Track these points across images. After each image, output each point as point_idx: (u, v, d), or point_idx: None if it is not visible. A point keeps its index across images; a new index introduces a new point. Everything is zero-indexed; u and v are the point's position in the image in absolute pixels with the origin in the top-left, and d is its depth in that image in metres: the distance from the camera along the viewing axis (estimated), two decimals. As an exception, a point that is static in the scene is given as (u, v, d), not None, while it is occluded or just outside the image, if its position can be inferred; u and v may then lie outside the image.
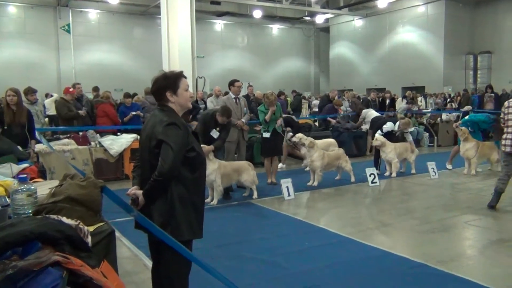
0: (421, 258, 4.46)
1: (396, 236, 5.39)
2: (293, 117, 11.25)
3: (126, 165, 8.89)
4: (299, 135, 8.35)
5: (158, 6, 15.11)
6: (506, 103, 6.30)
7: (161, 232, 2.54)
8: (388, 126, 9.29)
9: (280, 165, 9.65)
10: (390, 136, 9.26)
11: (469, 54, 26.59)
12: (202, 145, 6.59)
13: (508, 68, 24.87)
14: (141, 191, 2.80)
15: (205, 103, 12.65)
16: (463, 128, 9.13)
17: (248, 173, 7.18)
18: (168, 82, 2.87)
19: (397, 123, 9.37)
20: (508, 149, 6.06)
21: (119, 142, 8.94)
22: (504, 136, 6.15)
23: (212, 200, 6.86)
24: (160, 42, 14.52)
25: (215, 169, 6.68)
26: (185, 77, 2.95)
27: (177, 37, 14.05)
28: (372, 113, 12.25)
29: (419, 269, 4.22)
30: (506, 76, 24.69)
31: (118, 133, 9.44)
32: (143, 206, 2.81)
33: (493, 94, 15.24)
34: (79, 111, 9.30)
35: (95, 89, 12.50)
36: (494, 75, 25.86)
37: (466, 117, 10.22)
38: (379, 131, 9.37)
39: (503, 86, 21.80)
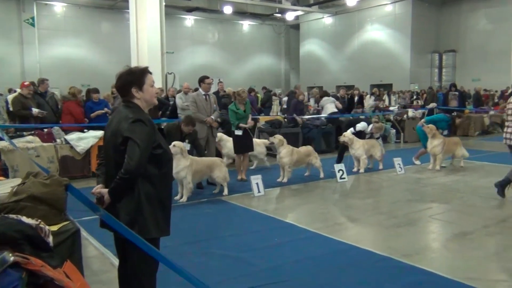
0: (387, 251, 4.58)
1: (363, 231, 5.50)
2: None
3: (93, 163, 8.71)
4: (277, 135, 8.39)
5: (126, 0, 14.84)
6: (510, 99, 6.75)
7: (127, 231, 2.50)
8: (361, 125, 9.48)
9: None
10: (359, 134, 9.44)
11: (435, 52, 27.33)
12: (176, 142, 6.60)
13: (471, 67, 25.71)
14: (106, 190, 2.76)
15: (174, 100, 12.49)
16: (430, 125, 9.38)
17: (220, 170, 7.18)
18: (133, 78, 2.83)
19: (370, 126, 9.53)
20: (509, 142, 6.66)
21: (85, 139, 8.75)
22: (505, 129, 6.76)
23: (181, 197, 6.81)
24: (129, 37, 14.28)
25: (187, 166, 6.64)
26: (151, 73, 2.91)
27: (146, 32, 13.85)
28: (328, 103, 12.60)
29: (384, 262, 4.33)
30: (469, 74, 25.53)
31: (85, 130, 9.23)
32: (109, 204, 2.76)
33: (457, 93, 15.73)
34: (34, 111, 8.84)
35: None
36: (458, 73, 26.69)
37: (425, 118, 10.59)
38: (351, 129, 9.52)
39: (466, 84, 22.53)
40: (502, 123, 17.15)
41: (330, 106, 13.20)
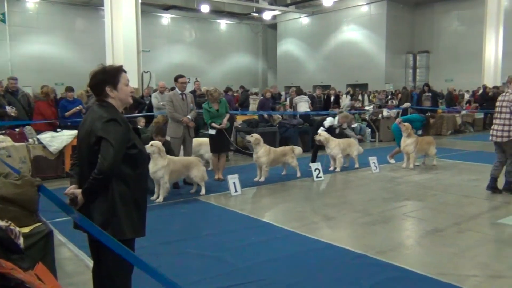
0: (362, 249, 4.65)
1: (338, 229, 5.56)
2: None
3: (67, 163, 8.55)
4: (254, 134, 8.38)
5: (101, -2, 14.61)
6: (500, 97, 6.92)
7: (100, 232, 2.46)
8: (328, 121, 9.61)
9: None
10: (333, 132, 9.56)
11: (409, 53, 27.88)
12: (153, 141, 6.55)
13: (444, 67, 26.33)
14: (79, 190, 2.71)
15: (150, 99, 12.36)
16: (406, 124, 9.55)
17: (198, 169, 7.15)
18: (107, 77, 2.79)
19: (336, 117, 9.68)
20: (494, 138, 6.87)
21: (59, 139, 8.58)
22: (492, 127, 6.97)
23: (158, 197, 6.76)
24: (104, 34, 14.06)
25: (164, 166, 6.59)
26: (125, 72, 2.87)
27: (121, 30, 13.66)
28: (301, 102, 12.76)
29: (359, 259, 4.39)
30: (442, 74, 26.16)
31: (58, 130, 9.05)
32: (83, 205, 2.71)
33: (430, 94, 16.07)
34: (8, 109, 8.68)
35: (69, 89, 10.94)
36: (431, 73, 27.30)
37: (400, 117, 10.78)
38: (321, 128, 9.63)
39: (440, 84, 23.05)
40: (473, 122, 17.63)
41: (303, 105, 13.32)
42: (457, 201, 6.69)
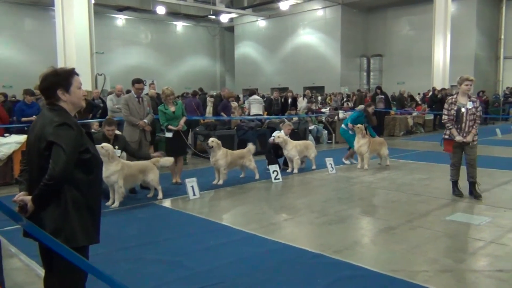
0: (319, 248, 4.75)
1: (296, 229, 5.65)
2: None
3: (16, 169, 8.20)
4: (214, 139, 8.31)
5: (51, -3, 14.16)
6: (449, 99, 6.85)
7: (52, 240, 2.39)
8: (275, 133, 9.70)
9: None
10: (291, 134, 9.70)
11: (363, 56, 28.70)
12: (104, 144, 6.40)
13: (396, 70, 27.29)
14: (29, 197, 2.62)
15: (103, 102, 12.10)
16: (359, 125, 9.82)
17: (154, 173, 7.05)
18: (59, 79, 2.72)
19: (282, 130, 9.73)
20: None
21: (7, 144, 8.23)
22: (445, 131, 6.92)
23: (113, 202, 6.61)
24: (55, 35, 13.62)
25: (117, 170, 6.45)
26: (78, 74, 2.82)
27: (73, 31, 13.30)
28: (255, 103, 12.97)
29: (317, 259, 4.49)
30: (395, 77, 27.10)
31: (6, 134, 8.68)
32: (33, 212, 2.63)
33: (382, 96, 16.63)
34: None
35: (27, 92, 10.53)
36: (385, 76, 28.22)
37: (343, 122, 11.08)
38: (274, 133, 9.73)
39: (392, 87, 23.86)
40: (424, 123, 18.38)
41: (256, 107, 13.49)
42: (408, 200, 6.95)
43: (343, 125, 10.53)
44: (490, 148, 12.89)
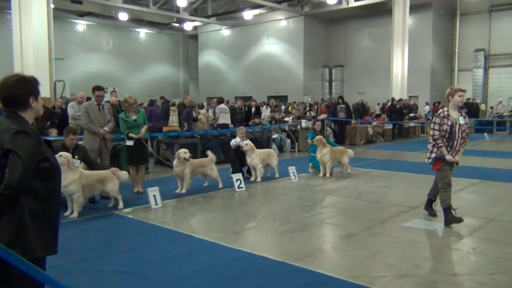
0: (281, 256, 4.79)
1: (259, 238, 5.68)
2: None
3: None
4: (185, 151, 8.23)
5: (8, 0, 13.69)
6: (441, 113, 5.94)
7: (6, 252, 2.32)
8: (233, 141, 9.71)
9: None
10: (254, 142, 9.78)
11: (325, 67, 29.30)
12: (63, 152, 6.23)
13: (357, 81, 28.01)
14: (-17, 207, 2.53)
15: (63, 110, 11.77)
16: (319, 137, 10.00)
17: (113, 183, 6.92)
18: (31, 87, 2.67)
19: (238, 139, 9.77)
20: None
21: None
22: (432, 148, 6.09)
23: (72, 212, 6.44)
24: (11, 40, 13.18)
25: (75, 180, 6.29)
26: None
27: (31, 36, 12.93)
28: (223, 112, 13.07)
29: (279, 267, 4.53)
30: (356, 87, 27.80)
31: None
32: (-14, 223, 2.54)
33: (343, 105, 17.02)
34: None
35: None
36: (346, 86, 28.89)
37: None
38: (232, 142, 9.73)
39: (353, 97, 24.44)
40: (383, 133, 18.90)
41: (224, 116, 13.59)
42: (368, 207, 7.13)
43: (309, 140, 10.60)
44: (445, 157, 13.39)
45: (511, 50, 24.85)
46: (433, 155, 6.11)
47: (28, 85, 2.67)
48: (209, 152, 8.85)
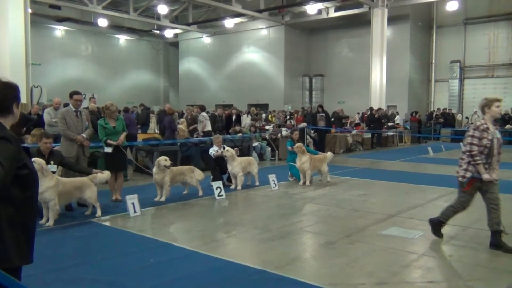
0: (261, 264, 4.79)
1: (239, 246, 5.67)
2: None
3: None
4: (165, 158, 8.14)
5: (-17, 4, 13.43)
6: (480, 125, 5.27)
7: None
8: (212, 149, 9.67)
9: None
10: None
11: (305, 76, 29.56)
12: (36, 159, 6.10)
13: (337, 90, 28.33)
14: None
15: (39, 116, 11.57)
16: (299, 144, 10.07)
17: (91, 190, 6.82)
18: (16, 93, 2.63)
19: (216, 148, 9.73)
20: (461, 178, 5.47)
21: None
22: (467, 166, 5.37)
23: (47, 220, 6.30)
24: (-14, 44, 12.92)
25: (50, 187, 6.17)
26: None
27: (7, 41, 12.72)
28: (206, 120, 13.16)
29: (258, 275, 4.52)
30: (335, 96, 28.11)
31: None
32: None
33: (323, 114, 17.19)
34: None
35: None
36: (326, 95, 29.18)
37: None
38: (212, 152, 9.67)
39: (333, 106, 24.71)
40: (362, 141, 19.12)
41: (209, 124, 13.63)
42: (347, 215, 7.19)
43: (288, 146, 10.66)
44: (423, 166, 13.67)
45: (485, 62, 25.59)
46: (469, 174, 5.33)
47: (12, 90, 2.63)
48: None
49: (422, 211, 7.39)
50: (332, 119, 18.83)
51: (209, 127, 13.93)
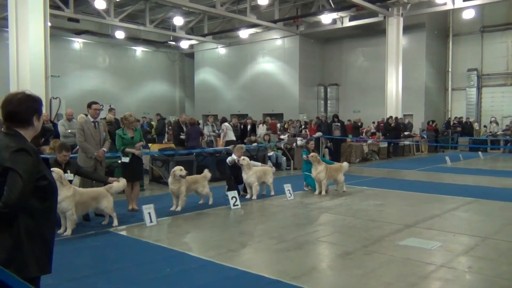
0: (276, 275, 4.76)
1: (254, 256, 5.65)
2: None
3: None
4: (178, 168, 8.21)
5: (5, 18, 13.79)
6: None
7: (1, 271, 2.29)
8: (229, 159, 9.69)
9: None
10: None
11: (320, 85, 29.51)
12: (54, 168, 6.20)
13: (352, 99, 28.19)
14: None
15: (54, 125, 11.75)
16: (313, 153, 10.03)
17: (108, 200, 6.88)
18: (37, 105, 2.70)
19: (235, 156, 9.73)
20: None
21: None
22: None
23: (65, 230, 6.38)
24: (8, 57, 13.23)
25: (68, 196, 6.25)
26: None
27: (28, 54, 12.98)
28: (228, 130, 13.29)
29: (274, 285, 4.49)
30: (351, 106, 27.96)
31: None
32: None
33: (339, 123, 17.12)
34: None
35: None
36: (341, 105, 29.05)
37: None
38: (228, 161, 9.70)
39: (349, 115, 24.61)
40: (378, 151, 18.96)
41: (230, 134, 13.84)
42: (364, 225, 7.11)
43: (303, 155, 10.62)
44: (440, 175, 13.47)
45: (503, 70, 25.21)
46: None
47: (34, 103, 2.70)
48: (205, 170, 8.86)
49: (440, 221, 7.27)
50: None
51: (231, 137, 14.25)
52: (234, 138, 14.27)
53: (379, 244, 6.03)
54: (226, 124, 14.81)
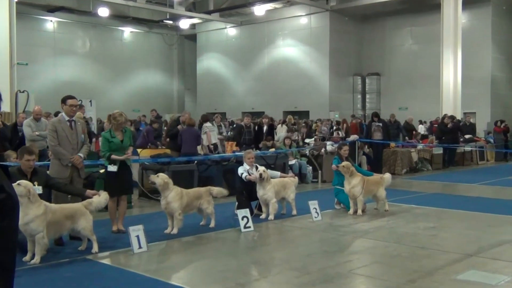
0: (298, 316, 4.75)
1: (270, 292, 5.64)
2: None
3: None
4: (160, 174, 8.25)
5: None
6: None
7: None
8: (241, 169, 9.68)
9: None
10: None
11: (357, 75, 29.42)
12: (22, 181, 6.28)
13: (397, 93, 28.00)
14: None
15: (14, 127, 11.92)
16: (344, 163, 9.95)
17: (86, 219, 6.93)
18: None
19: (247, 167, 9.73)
20: None
21: None
22: None
23: (32, 257, 6.45)
24: (-36, 41, 13.51)
25: (38, 216, 6.31)
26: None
27: (-12, 36, 13.23)
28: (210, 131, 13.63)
29: (295, 330, 4.48)
30: (395, 101, 27.69)
31: None
32: None
33: (380, 124, 16.90)
34: None
35: None
36: (383, 100, 28.92)
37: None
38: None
39: (393, 113, 24.47)
40: (431, 159, 18.78)
41: (214, 136, 13.92)
42: (411, 254, 7.05)
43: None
44: (511, 191, 13.28)
45: None
46: None
47: None
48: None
49: (510, 250, 7.17)
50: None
51: (215, 140, 14.45)
52: (216, 141, 14.52)
53: (430, 278, 5.97)
54: (208, 124, 14.69)
